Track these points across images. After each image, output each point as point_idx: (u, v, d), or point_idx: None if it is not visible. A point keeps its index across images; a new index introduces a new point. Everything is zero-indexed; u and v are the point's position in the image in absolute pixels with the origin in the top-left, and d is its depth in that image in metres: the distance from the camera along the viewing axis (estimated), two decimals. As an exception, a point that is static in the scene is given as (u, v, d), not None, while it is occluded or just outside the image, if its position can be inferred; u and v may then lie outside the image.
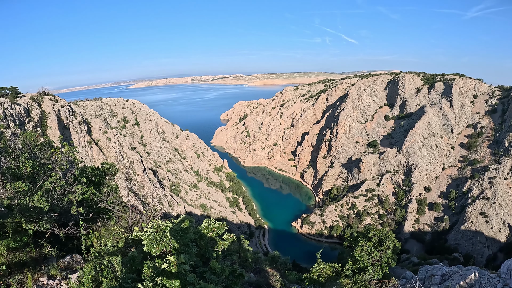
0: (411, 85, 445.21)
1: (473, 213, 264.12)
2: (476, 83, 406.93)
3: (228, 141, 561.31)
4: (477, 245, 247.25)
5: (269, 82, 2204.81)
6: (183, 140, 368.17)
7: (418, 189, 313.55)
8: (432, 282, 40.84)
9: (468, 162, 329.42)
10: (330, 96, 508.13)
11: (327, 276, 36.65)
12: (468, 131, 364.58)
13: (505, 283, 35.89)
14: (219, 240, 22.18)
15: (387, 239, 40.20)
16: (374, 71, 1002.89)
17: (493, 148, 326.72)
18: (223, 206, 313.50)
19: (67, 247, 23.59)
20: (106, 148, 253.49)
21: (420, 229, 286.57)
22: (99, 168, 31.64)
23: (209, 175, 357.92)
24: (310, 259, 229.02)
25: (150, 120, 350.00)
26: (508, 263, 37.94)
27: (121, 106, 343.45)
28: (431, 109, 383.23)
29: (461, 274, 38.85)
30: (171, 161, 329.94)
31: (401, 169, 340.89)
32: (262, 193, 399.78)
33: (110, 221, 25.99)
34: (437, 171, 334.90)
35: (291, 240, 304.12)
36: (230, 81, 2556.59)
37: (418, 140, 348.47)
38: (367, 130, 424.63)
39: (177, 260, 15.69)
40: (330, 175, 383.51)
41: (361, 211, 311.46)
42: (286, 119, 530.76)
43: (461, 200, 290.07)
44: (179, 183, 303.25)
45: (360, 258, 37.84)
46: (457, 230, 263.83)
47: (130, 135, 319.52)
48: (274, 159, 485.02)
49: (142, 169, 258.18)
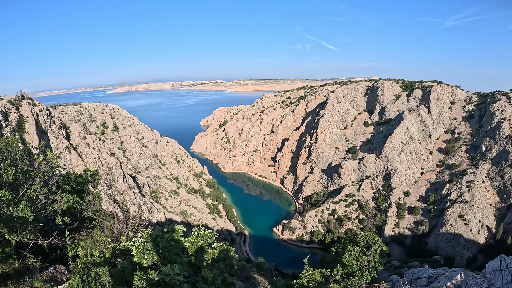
0: (390, 91, 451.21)
1: (452, 216, 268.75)
2: (453, 89, 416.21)
3: (208, 147, 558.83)
4: (456, 247, 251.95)
5: (249, 88, 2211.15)
6: (163, 146, 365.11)
7: (398, 193, 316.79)
8: (419, 284, 40.94)
9: (446, 166, 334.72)
10: (310, 103, 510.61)
11: (317, 282, 36.40)
12: (446, 137, 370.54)
13: (490, 283, 36.28)
14: (209, 248, 21.68)
15: (374, 243, 40.18)
16: (353, 78, 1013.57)
17: (471, 152, 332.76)
18: (203, 213, 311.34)
19: (50, 258, 22.67)
20: (85, 154, 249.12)
21: (400, 233, 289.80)
22: (82, 175, 30.69)
23: (189, 181, 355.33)
24: (292, 264, 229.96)
25: (129, 126, 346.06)
26: (492, 264, 38.35)
27: (101, 111, 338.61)
28: (410, 115, 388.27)
29: (447, 275, 39.06)
30: (150, 167, 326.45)
31: (381, 174, 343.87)
32: (242, 199, 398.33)
33: (95, 230, 25.13)
34: (416, 176, 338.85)
35: (272, 246, 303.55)
36: (211, 87, 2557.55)
37: (397, 145, 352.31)
38: (346, 136, 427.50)
39: (172, 271, 15.11)
40: (310, 180, 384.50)
41: (341, 216, 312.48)
42: (266, 125, 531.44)
43: (440, 203, 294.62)
44: (158, 190, 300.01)
45: (348, 263, 37.67)
46: (436, 233, 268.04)
47: (109, 140, 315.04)
48: (254, 165, 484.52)
49: (121, 175, 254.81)
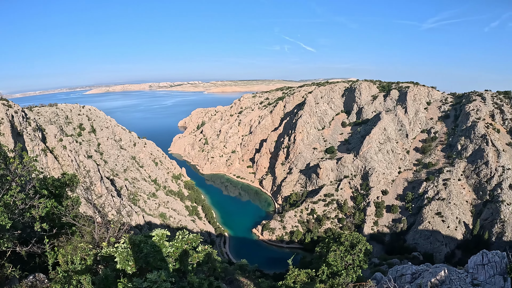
0: (368, 92, 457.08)
1: (430, 214, 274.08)
2: (429, 90, 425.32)
3: (186, 149, 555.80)
4: (435, 243, 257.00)
5: (227, 89, 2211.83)
6: (141, 148, 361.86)
7: (376, 192, 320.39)
8: (403, 281, 41.09)
9: (423, 165, 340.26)
10: (288, 104, 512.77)
11: (303, 282, 36.11)
12: (423, 136, 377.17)
13: (473, 278, 36.81)
14: (194, 252, 21.13)
15: (358, 242, 40.23)
16: (331, 79, 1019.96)
17: (447, 151, 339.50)
18: (183, 215, 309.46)
19: (29, 266, 21.69)
20: (62, 157, 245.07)
21: (379, 231, 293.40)
22: (60, 179, 29.63)
23: (168, 183, 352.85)
24: (273, 265, 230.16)
25: (107, 128, 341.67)
26: (474, 259, 38.91)
27: (77, 113, 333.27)
28: (387, 116, 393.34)
29: (431, 271, 39.38)
30: (128, 169, 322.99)
31: (359, 173, 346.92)
32: (221, 201, 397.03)
33: (75, 236, 24.21)
34: (393, 175, 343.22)
35: (252, 247, 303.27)
36: (189, 88, 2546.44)
37: (375, 145, 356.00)
38: (324, 136, 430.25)
39: (159, 278, 14.49)
40: (289, 181, 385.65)
41: (320, 216, 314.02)
42: (244, 126, 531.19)
43: (418, 201, 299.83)
44: (137, 192, 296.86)
45: (333, 263, 37.58)
46: (415, 230, 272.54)
47: (86, 143, 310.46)
48: (232, 166, 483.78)
49: (99, 178, 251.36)
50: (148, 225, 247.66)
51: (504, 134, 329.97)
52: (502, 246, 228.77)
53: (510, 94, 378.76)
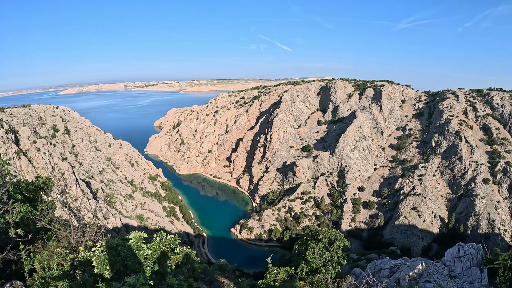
0: (343, 91, 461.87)
1: (406, 209, 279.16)
2: (404, 88, 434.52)
3: (162, 149, 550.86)
4: (412, 237, 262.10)
5: (203, 89, 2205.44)
6: (116, 149, 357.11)
7: (352, 189, 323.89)
8: (382, 275, 41.61)
9: (398, 162, 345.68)
10: (264, 103, 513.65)
11: (283, 280, 36.21)
12: (397, 133, 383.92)
13: (450, 270, 37.55)
14: (172, 254, 20.91)
15: (336, 239, 40.47)
16: (307, 78, 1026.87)
17: (421, 148, 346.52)
18: (160, 216, 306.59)
19: (6, 273, 21.13)
20: (36, 159, 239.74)
21: (356, 227, 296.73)
22: (34, 182, 28.95)
23: (144, 184, 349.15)
24: (253, 264, 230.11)
25: (81, 129, 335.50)
26: (451, 252, 39.70)
27: (51, 114, 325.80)
28: (362, 114, 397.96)
29: (409, 265, 40.00)
30: (104, 171, 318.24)
31: (335, 171, 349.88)
32: (198, 201, 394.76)
33: (50, 241, 23.67)
34: (369, 172, 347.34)
35: (231, 247, 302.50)
36: (164, 87, 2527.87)
37: (350, 143, 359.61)
38: (300, 135, 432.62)
39: (137, 281, 14.26)
40: (266, 179, 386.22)
41: (298, 214, 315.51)
42: (220, 126, 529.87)
43: (394, 197, 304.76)
44: (113, 194, 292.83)
45: (312, 260, 37.72)
46: (392, 225, 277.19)
47: (60, 144, 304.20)
48: (209, 166, 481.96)
49: (74, 180, 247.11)
50: (125, 228, 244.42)
51: (477, 131, 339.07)
52: (477, 239, 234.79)
53: (483, 92, 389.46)
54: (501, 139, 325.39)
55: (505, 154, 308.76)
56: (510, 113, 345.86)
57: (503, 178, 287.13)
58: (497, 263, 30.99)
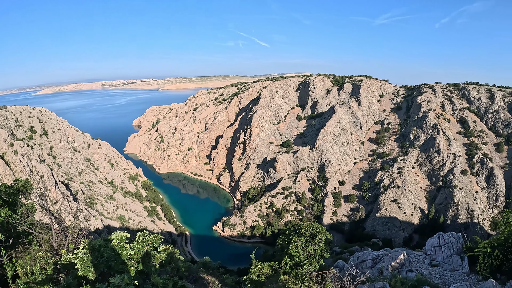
0: (322, 86, 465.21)
1: (386, 201, 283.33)
2: (382, 83, 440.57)
3: (141, 148, 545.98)
4: (393, 229, 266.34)
5: (182, 86, 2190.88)
6: (95, 149, 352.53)
7: (333, 183, 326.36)
8: (364, 266, 42.15)
9: (378, 155, 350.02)
10: (243, 99, 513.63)
11: (267, 275, 36.33)
12: (376, 127, 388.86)
13: (432, 258, 38.21)
14: (155, 253, 20.82)
15: (319, 232, 40.61)
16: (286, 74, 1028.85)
17: (400, 141, 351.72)
18: (142, 216, 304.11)
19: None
20: (13, 162, 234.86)
21: (338, 221, 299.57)
22: (13, 186, 28.48)
23: (125, 184, 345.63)
24: (236, 261, 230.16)
25: (59, 129, 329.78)
26: (431, 241, 40.44)
27: (28, 115, 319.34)
28: (341, 109, 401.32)
29: (391, 255, 40.54)
30: (83, 172, 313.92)
31: (315, 166, 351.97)
32: (180, 200, 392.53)
33: (32, 245, 23.34)
34: (349, 166, 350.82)
35: (214, 244, 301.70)
36: (142, 85, 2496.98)
37: (330, 138, 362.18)
38: (280, 130, 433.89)
39: (122, 282, 14.18)
40: (247, 176, 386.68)
41: (280, 209, 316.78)
42: (200, 123, 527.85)
43: (374, 190, 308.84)
44: (93, 196, 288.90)
45: (295, 254, 37.85)
46: (373, 218, 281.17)
47: (38, 146, 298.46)
48: (189, 164, 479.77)
49: (53, 183, 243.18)
50: (107, 229, 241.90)
51: (454, 124, 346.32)
52: (457, 228, 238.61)
53: (460, 86, 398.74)
54: (478, 131, 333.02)
55: (482, 146, 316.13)
56: (486, 106, 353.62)
57: (480, 169, 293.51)
58: (477, 250, 31.61)
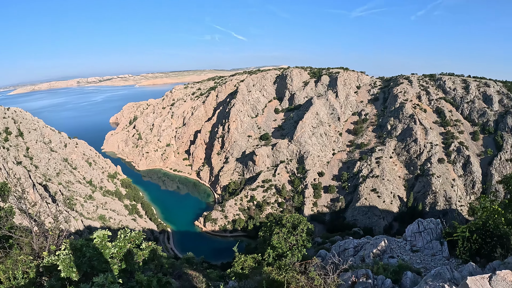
0: (299, 79, 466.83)
1: (366, 191, 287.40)
2: (359, 75, 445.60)
3: (119, 146, 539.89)
4: (373, 218, 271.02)
5: (158, 82, 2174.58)
6: (72, 148, 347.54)
7: (312, 175, 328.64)
8: (347, 255, 42.72)
9: (356, 146, 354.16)
10: (220, 93, 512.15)
11: (251, 267, 36.48)
12: (354, 118, 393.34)
13: (412, 244, 38.98)
14: (138, 250, 20.69)
15: (300, 223, 40.96)
16: (263, 67, 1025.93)
17: (378, 131, 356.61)
18: (123, 215, 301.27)
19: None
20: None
21: (319, 211, 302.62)
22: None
23: (104, 183, 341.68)
24: (219, 255, 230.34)
25: (34, 130, 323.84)
26: (411, 227, 41.25)
27: (2, 116, 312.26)
28: (319, 101, 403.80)
29: (372, 243, 41.20)
30: (61, 172, 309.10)
31: (294, 158, 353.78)
32: (160, 196, 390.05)
33: (13, 249, 22.92)
34: (328, 157, 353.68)
35: (196, 240, 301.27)
36: (118, 82, 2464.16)
37: (308, 129, 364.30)
38: (258, 124, 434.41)
39: (106, 281, 14.04)
40: (226, 170, 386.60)
41: (260, 202, 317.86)
42: (178, 118, 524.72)
43: (353, 180, 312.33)
44: (73, 196, 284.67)
45: (278, 245, 38.12)
46: (353, 208, 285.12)
47: (14, 148, 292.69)
48: (168, 160, 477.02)
49: (31, 185, 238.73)
50: (88, 230, 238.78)
51: (430, 113, 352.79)
52: (436, 215, 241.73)
53: (435, 77, 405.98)
54: (454, 120, 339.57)
55: (458, 135, 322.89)
56: (462, 96, 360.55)
57: (457, 157, 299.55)
58: (456, 235, 32.14)
